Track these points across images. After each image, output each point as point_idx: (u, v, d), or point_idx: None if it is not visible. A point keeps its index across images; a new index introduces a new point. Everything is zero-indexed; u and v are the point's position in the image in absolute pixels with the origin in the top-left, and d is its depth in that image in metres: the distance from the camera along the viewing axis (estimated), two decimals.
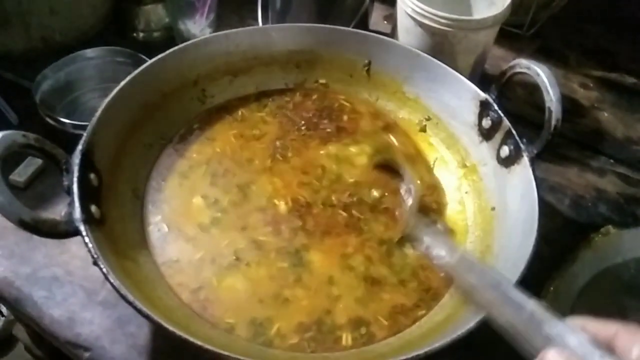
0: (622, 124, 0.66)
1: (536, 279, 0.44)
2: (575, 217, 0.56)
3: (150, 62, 0.50)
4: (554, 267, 0.48)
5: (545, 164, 0.59)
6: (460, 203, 0.50)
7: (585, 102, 0.68)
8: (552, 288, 0.46)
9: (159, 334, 0.43)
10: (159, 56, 0.51)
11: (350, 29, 0.57)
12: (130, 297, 0.35)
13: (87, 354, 0.43)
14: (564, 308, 0.45)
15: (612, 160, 0.62)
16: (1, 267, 0.47)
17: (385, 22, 0.75)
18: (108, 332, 0.44)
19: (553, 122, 0.44)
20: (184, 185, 0.49)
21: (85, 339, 0.43)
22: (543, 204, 0.42)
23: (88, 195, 0.40)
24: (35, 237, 0.48)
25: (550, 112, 0.44)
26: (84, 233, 0.37)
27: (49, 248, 0.48)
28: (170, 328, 0.34)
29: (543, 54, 0.74)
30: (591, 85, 0.71)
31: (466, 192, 0.51)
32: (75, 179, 0.39)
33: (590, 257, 0.49)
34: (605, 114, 0.67)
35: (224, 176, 0.50)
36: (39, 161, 0.54)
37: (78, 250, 0.48)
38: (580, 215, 0.56)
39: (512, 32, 0.71)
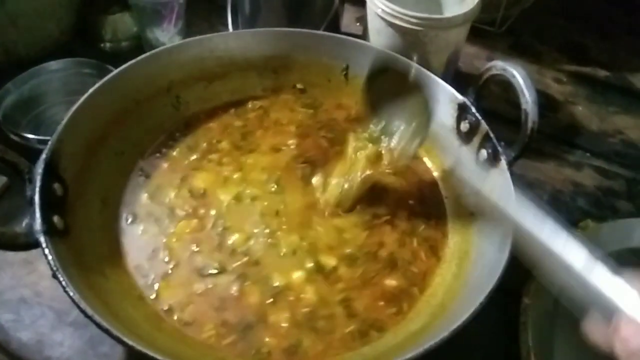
0: (597, 117, 0.66)
1: (518, 277, 0.43)
2: (555, 213, 0.55)
3: (121, 68, 0.49)
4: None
5: (523, 160, 0.59)
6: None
7: (560, 96, 0.68)
8: (533, 285, 0.46)
9: (132, 354, 0.42)
10: (130, 62, 0.50)
11: (327, 33, 0.56)
12: (90, 311, 0.34)
13: None
14: (547, 303, 0.45)
15: (588, 154, 0.62)
16: None
17: (358, 24, 0.74)
18: (80, 354, 0.42)
19: (530, 125, 0.43)
20: (158, 195, 0.48)
21: None
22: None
23: (51, 205, 0.39)
24: (1, 258, 0.47)
25: (527, 114, 0.43)
26: (43, 244, 0.36)
27: (16, 269, 0.47)
28: (130, 342, 0.33)
29: (516, 51, 0.74)
30: (565, 79, 0.71)
31: (446, 197, 0.50)
32: (37, 189, 0.38)
33: None
34: (580, 108, 0.67)
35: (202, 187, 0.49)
36: (3, 179, 0.52)
37: (46, 270, 0.45)
38: (559, 210, 0.56)
39: (484, 30, 0.71)
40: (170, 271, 0.43)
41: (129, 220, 0.46)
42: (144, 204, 0.47)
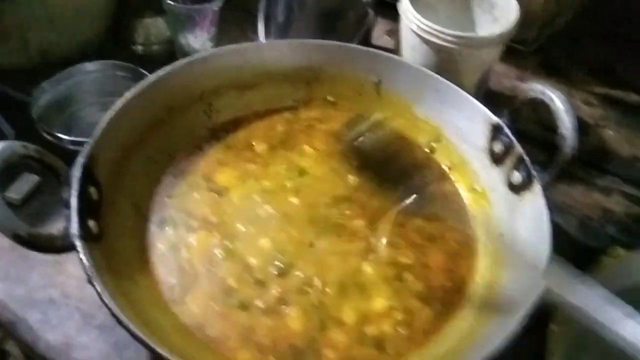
0: (628, 142, 0.65)
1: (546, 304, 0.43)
2: (583, 239, 0.55)
3: (156, 74, 0.49)
4: None
5: None
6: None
7: (590, 119, 0.68)
8: (561, 313, 0.45)
9: (158, 357, 0.42)
10: (166, 69, 0.50)
11: (361, 47, 0.56)
12: (124, 319, 0.34)
13: None
14: (575, 331, 0.44)
15: (618, 179, 0.61)
16: None
17: (388, 37, 0.74)
18: (105, 358, 0.42)
19: (567, 151, 0.43)
20: (190, 203, 0.48)
21: None
22: (553, 231, 0.41)
23: (87, 209, 0.39)
24: (31, 257, 0.47)
25: (565, 140, 0.43)
26: (80, 249, 0.36)
27: (45, 268, 0.47)
28: (163, 353, 0.33)
29: (545, 71, 0.73)
30: (595, 102, 0.70)
31: (474, 217, 0.50)
32: (74, 192, 0.38)
33: (600, 280, 0.48)
34: (610, 132, 0.66)
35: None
36: (35, 178, 0.52)
37: (75, 270, 0.47)
38: (587, 236, 0.55)
39: (514, 48, 0.71)
40: (196, 283, 0.43)
41: (158, 226, 0.46)
42: (170, 210, 0.47)
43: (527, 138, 0.48)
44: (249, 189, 0.49)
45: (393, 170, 0.53)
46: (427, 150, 0.55)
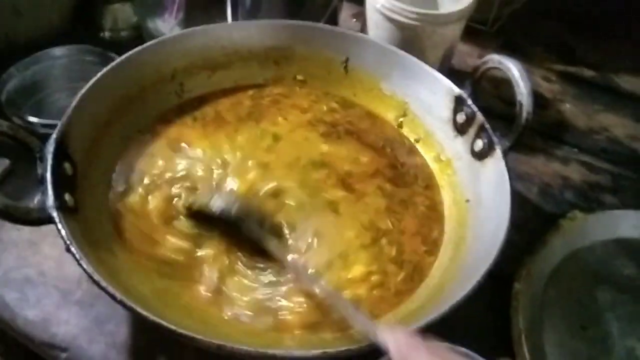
0: (584, 115, 0.69)
1: (509, 263, 0.45)
2: (544, 205, 0.58)
3: (128, 54, 0.50)
4: (526, 252, 0.50)
5: (514, 154, 0.61)
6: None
7: (549, 94, 0.71)
8: (524, 271, 0.48)
9: (138, 329, 0.43)
10: (137, 49, 0.50)
11: (329, 26, 0.57)
12: (104, 283, 0.34)
13: (64, 355, 0.42)
14: (537, 289, 0.47)
15: (575, 150, 0.64)
16: None
17: (354, 19, 0.76)
18: (85, 332, 0.43)
19: (524, 115, 0.45)
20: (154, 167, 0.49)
21: (61, 339, 0.42)
22: (513, 193, 0.44)
23: (62, 183, 0.39)
24: (5, 238, 0.48)
25: (522, 105, 0.45)
26: (57, 219, 0.37)
27: (20, 249, 0.47)
28: (144, 313, 0.33)
29: (506, 50, 0.76)
30: (553, 78, 0.73)
31: (441, 187, 0.52)
32: (49, 167, 0.39)
33: (560, 242, 0.51)
34: (568, 106, 0.70)
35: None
36: (6, 162, 0.52)
37: (51, 251, 0.47)
38: (548, 202, 0.58)
39: (476, 28, 0.73)
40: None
41: (129, 198, 0.47)
42: (140, 180, 0.48)
43: (489, 113, 0.50)
44: (219, 148, 0.51)
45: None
46: (395, 125, 0.56)
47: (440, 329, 0.34)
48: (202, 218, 0.45)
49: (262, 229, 0.44)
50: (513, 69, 0.45)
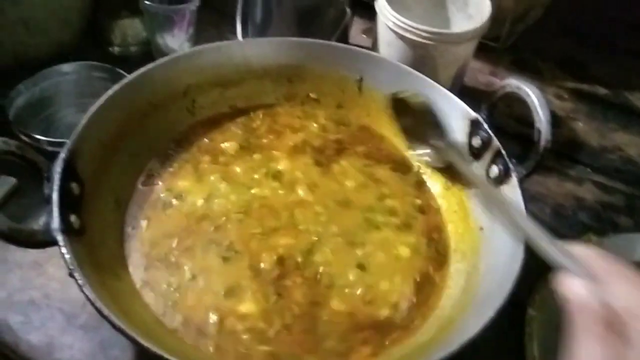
0: (597, 134, 0.68)
1: (522, 288, 0.44)
2: (557, 226, 0.57)
3: (140, 71, 0.49)
4: (539, 277, 0.49)
5: None
6: (450, 222, 0.50)
7: (561, 112, 0.70)
8: (538, 297, 0.47)
9: (143, 355, 0.42)
10: (150, 65, 0.50)
11: (342, 44, 0.57)
12: (106, 310, 0.34)
13: None
14: (551, 314, 0.46)
15: (589, 169, 0.63)
16: None
17: (364, 35, 0.75)
18: (90, 357, 0.42)
19: (543, 144, 0.44)
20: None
21: None
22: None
23: (68, 204, 0.39)
24: (10, 259, 0.47)
25: (540, 133, 0.44)
26: (61, 243, 0.36)
27: (25, 271, 0.46)
28: (145, 344, 0.33)
29: (518, 67, 0.75)
30: (566, 96, 0.72)
31: (454, 212, 0.51)
32: (56, 187, 0.38)
33: None
34: (580, 124, 0.69)
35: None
36: (12, 180, 0.52)
37: (55, 272, 0.46)
38: (561, 224, 0.57)
39: (487, 45, 0.73)
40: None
41: (138, 221, 0.46)
42: (150, 204, 0.48)
43: (502, 132, 0.49)
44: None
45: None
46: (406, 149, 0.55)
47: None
48: None
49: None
50: (532, 95, 0.44)
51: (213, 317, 0.41)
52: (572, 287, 0.30)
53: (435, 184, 0.53)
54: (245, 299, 0.42)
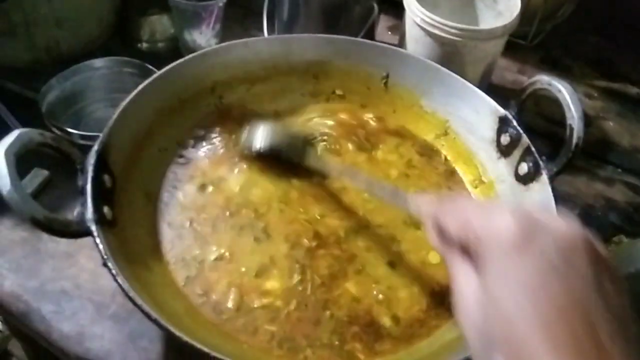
0: (628, 133, 0.66)
1: None
2: (587, 228, 0.55)
3: (170, 66, 0.50)
4: None
5: None
6: None
7: (591, 111, 0.68)
8: None
9: (172, 346, 0.43)
10: (180, 61, 0.51)
11: (369, 41, 0.57)
12: (139, 300, 0.34)
13: None
14: None
15: (619, 170, 0.62)
16: (8, 280, 0.46)
17: (390, 32, 0.75)
18: (119, 347, 0.43)
19: (574, 140, 0.43)
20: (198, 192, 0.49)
21: (96, 354, 0.42)
22: None
23: (101, 196, 0.40)
24: (43, 250, 0.48)
25: (572, 129, 0.43)
26: (95, 233, 0.37)
27: (57, 261, 0.47)
28: (177, 333, 0.33)
29: (547, 64, 0.74)
30: (596, 95, 0.71)
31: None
32: (89, 179, 0.39)
33: None
34: (611, 124, 0.67)
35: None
36: (45, 172, 0.53)
37: (86, 263, 0.47)
38: (591, 225, 0.55)
39: (516, 43, 0.72)
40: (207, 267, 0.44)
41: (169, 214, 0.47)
42: (180, 199, 0.48)
43: (531, 131, 0.48)
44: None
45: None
46: (434, 143, 0.55)
47: None
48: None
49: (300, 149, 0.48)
50: (564, 91, 0.44)
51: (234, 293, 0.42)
52: (430, 233, 0.32)
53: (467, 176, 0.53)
54: (272, 276, 0.43)
